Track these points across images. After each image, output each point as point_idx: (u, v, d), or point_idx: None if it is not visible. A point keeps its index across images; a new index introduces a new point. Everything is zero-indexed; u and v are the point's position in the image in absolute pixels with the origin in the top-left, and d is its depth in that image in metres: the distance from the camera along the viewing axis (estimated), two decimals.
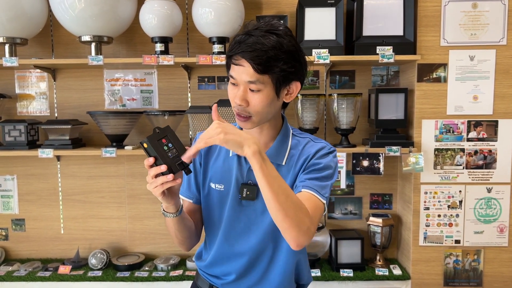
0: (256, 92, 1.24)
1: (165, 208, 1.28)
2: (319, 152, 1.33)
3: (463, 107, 2.32)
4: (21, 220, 2.70)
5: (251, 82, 1.22)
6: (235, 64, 1.23)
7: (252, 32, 1.22)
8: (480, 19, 2.28)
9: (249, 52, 1.19)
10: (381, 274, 2.39)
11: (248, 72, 1.21)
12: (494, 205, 2.36)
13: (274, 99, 1.26)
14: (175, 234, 1.37)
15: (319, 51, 2.25)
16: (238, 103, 1.24)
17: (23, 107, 2.65)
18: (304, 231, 1.15)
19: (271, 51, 1.19)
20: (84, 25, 2.28)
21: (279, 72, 1.22)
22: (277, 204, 1.12)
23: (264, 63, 1.19)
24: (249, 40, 1.20)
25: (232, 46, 1.25)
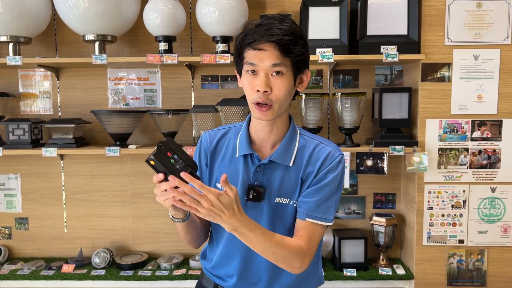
0: (279, 77, 1.24)
1: (174, 215, 1.29)
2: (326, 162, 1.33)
3: (467, 107, 2.31)
4: (24, 219, 2.70)
5: (275, 65, 1.23)
6: (257, 49, 1.23)
7: (264, 22, 1.25)
8: (485, 18, 2.27)
9: (271, 35, 1.21)
10: (385, 273, 2.39)
11: (272, 55, 1.22)
12: (498, 205, 2.36)
13: (292, 85, 1.29)
14: (184, 236, 1.39)
15: (323, 50, 2.25)
16: (262, 89, 1.24)
17: (26, 106, 2.66)
18: (295, 267, 1.28)
19: (290, 35, 1.22)
20: (88, 24, 2.28)
21: (299, 56, 1.25)
22: (266, 257, 1.26)
23: (287, 45, 1.22)
24: (265, 27, 1.22)
25: (245, 35, 1.25)
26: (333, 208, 1.34)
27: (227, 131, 1.44)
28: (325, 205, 1.32)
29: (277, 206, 1.35)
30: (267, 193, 1.34)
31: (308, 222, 1.31)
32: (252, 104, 1.28)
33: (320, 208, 1.31)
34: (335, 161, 1.33)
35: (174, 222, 1.31)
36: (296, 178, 1.35)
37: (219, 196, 1.11)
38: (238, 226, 1.16)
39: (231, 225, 1.16)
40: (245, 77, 1.28)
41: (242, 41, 1.26)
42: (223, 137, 1.43)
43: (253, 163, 1.36)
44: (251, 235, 1.19)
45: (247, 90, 1.29)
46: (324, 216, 1.31)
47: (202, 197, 1.10)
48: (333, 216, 1.35)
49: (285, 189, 1.35)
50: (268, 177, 1.35)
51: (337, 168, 1.34)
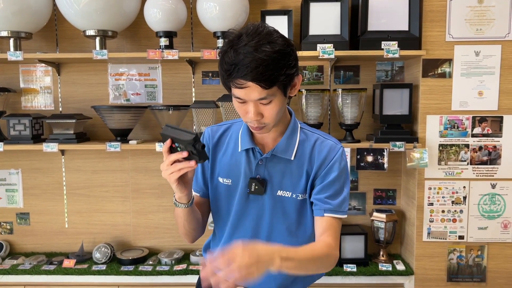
0: (268, 104, 1.22)
1: (178, 199, 1.29)
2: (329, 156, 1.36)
3: (468, 103, 2.31)
4: (25, 214, 2.71)
5: (261, 99, 1.20)
6: (239, 88, 1.18)
7: (241, 50, 1.15)
8: (486, 14, 2.26)
9: (251, 73, 1.14)
10: (385, 269, 2.39)
11: (255, 91, 1.18)
12: (498, 201, 2.36)
13: (284, 101, 1.27)
14: (183, 224, 1.38)
15: (324, 46, 2.25)
16: (253, 119, 1.23)
17: (27, 101, 2.66)
18: (331, 265, 1.31)
19: (272, 64, 1.15)
20: (88, 19, 2.28)
21: (285, 80, 1.20)
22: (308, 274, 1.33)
23: (270, 78, 1.16)
24: (246, 61, 1.14)
25: (228, 68, 1.17)
26: (346, 200, 1.38)
27: (229, 126, 1.46)
28: (339, 198, 1.35)
29: (279, 199, 1.37)
30: (269, 186, 1.36)
31: (327, 217, 1.34)
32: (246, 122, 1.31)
33: (336, 202, 1.34)
34: (337, 154, 1.36)
35: (177, 207, 1.31)
36: (298, 172, 1.36)
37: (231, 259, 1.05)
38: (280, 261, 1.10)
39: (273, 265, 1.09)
40: (234, 101, 1.26)
41: (226, 75, 1.19)
42: (225, 132, 1.45)
43: (255, 157, 1.37)
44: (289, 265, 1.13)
45: (238, 111, 1.28)
46: (340, 209, 1.35)
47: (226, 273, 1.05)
48: (347, 208, 1.38)
49: (287, 182, 1.37)
50: (270, 170, 1.36)
51: (341, 161, 1.36)
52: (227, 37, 1.22)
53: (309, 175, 1.37)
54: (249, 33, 1.18)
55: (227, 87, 1.26)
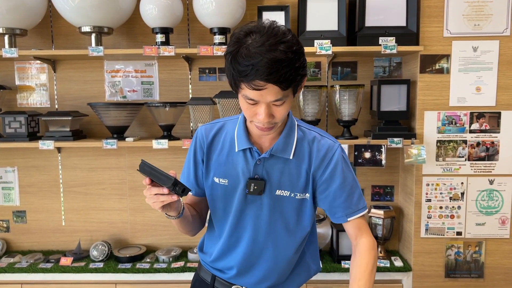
0: (280, 104, 1.20)
1: (167, 213, 1.30)
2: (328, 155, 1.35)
3: (466, 99, 2.30)
4: (22, 212, 2.70)
5: (277, 100, 1.18)
6: (256, 89, 1.14)
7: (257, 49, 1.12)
8: (484, 9, 2.26)
9: (271, 75, 1.11)
10: (383, 265, 2.39)
11: (273, 92, 1.15)
12: (496, 197, 2.36)
13: (292, 99, 1.26)
14: (179, 229, 1.42)
15: (321, 42, 2.23)
16: (265, 121, 1.20)
17: (23, 98, 2.64)
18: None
19: (290, 65, 1.13)
20: (84, 15, 2.26)
21: (300, 79, 1.20)
22: None
23: (289, 79, 1.14)
24: (264, 61, 1.10)
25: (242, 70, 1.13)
26: (361, 196, 1.39)
27: (223, 125, 1.43)
28: (354, 197, 1.36)
29: (278, 199, 1.36)
30: (268, 186, 1.35)
31: (357, 219, 1.36)
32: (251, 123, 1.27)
33: (353, 203, 1.36)
34: (336, 153, 1.35)
35: (168, 218, 1.34)
36: (297, 171, 1.35)
37: None
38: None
39: None
40: (243, 102, 1.22)
41: (238, 75, 1.15)
42: (220, 131, 1.42)
43: (253, 157, 1.35)
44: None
45: (245, 112, 1.24)
46: (359, 208, 1.37)
47: None
48: (365, 202, 1.40)
49: (285, 182, 1.35)
50: (268, 170, 1.35)
51: (342, 160, 1.36)
52: (235, 36, 1.19)
53: (308, 174, 1.36)
54: (263, 32, 1.15)
55: (236, 87, 1.20)
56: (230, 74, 1.19)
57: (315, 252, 1.53)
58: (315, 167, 1.34)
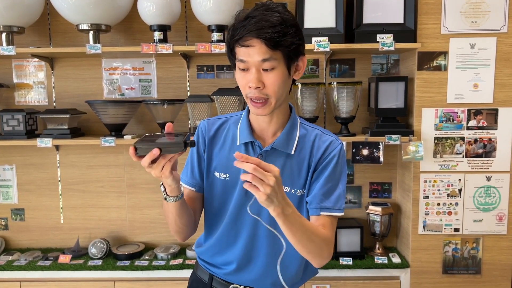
0: (270, 71, 1.22)
1: (170, 192, 1.25)
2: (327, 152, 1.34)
3: (463, 96, 2.31)
4: (20, 209, 2.70)
5: (265, 60, 1.20)
6: (245, 46, 1.20)
7: (251, 14, 1.21)
8: (481, 6, 2.26)
9: (258, 30, 1.18)
10: (380, 262, 2.40)
11: (260, 50, 1.19)
12: (493, 194, 2.37)
13: (287, 76, 1.27)
14: (175, 220, 1.34)
15: (319, 39, 2.24)
16: (254, 86, 1.22)
17: (21, 96, 2.64)
18: (325, 257, 1.30)
19: (278, 26, 1.19)
20: (81, 13, 2.25)
21: (289, 46, 1.22)
22: (300, 246, 1.23)
23: (275, 38, 1.18)
24: (253, 21, 1.19)
25: (234, 30, 1.23)
26: (342, 197, 1.36)
27: (226, 120, 1.44)
28: (334, 195, 1.34)
29: None
30: None
31: (323, 216, 1.33)
32: (247, 99, 1.28)
33: (331, 200, 1.33)
34: (335, 150, 1.35)
35: (169, 202, 1.27)
36: (298, 167, 1.35)
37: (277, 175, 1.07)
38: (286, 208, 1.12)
39: (281, 208, 1.11)
40: (238, 73, 1.27)
41: (231, 37, 1.24)
42: (222, 125, 1.43)
43: (255, 150, 1.36)
44: (294, 219, 1.16)
45: (240, 86, 1.28)
46: (336, 207, 1.34)
47: (266, 176, 1.05)
48: (344, 205, 1.37)
49: (286, 177, 1.35)
50: None
51: (339, 158, 1.35)
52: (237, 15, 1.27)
53: (308, 171, 1.36)
54: (261, 5, 1.24)
55: (232, 56, 1.26)
56: (227, 44, 1.27)
57: None
58: (315, 161, 1.35)
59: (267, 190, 1.05)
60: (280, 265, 1.35)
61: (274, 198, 1.08)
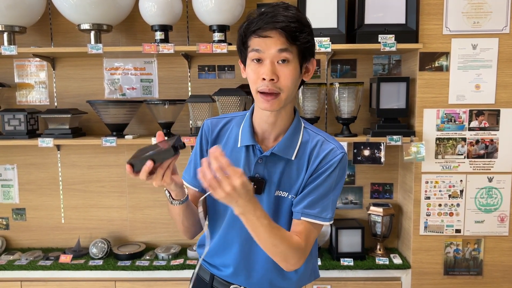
0: (285, 65, 1.21)
1: (175, 196, 1.26)
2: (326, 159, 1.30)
3: (465, 96, 2.30)
4: (21, 209, 2.70)
5: (282, 50, 1.20)
6: (262, 36, 1.20)
7: (268, 10, 1.21)
8: (483, 7, 2.25)
9: (277, 22, 1.18)
10: (382, 263, 2.39)
11: (278, 41, 1.19)
12: (495, 195, 2.36)
13: (298, 74, 1.26)
14: (182, 221, 1.34)
15: (321, 40, 2.23)
16: (268, 77, 1.20)
17: (22, 96, 2.64)
18: (291, 264, 1.26)
19: (296, 22, 1.20)
20: (83, 12, 2.26)
21: (305, 43, 1.22)
22: (264, 248, 1.23)
23: (293, 32, 1.19)
24: (270, 15, 1.19)
25: (250, 23, 1.22)
26: (330, 207, 1.31)
27: (229, 120, 1.42)
28: (321, 204, 1.29)
29: (277, 199, 1.34)
30: (267, 186, 1.33)
31: (304, 221, 1.29)
32: (256, 94, 1.24)
33: (316, 207, 1.28)
34: (335, 159, 1.30)
35: (175, 205, 1.27)
36: (297, 173, 1.33)
37: (243, 179, 1.07)
38: (249, 211, 1.13)
39: (243, 209, 1.12)
40: (250, 66, 1.25)
41: (246, 29, 1.23)
42: (226, 125, 1.41)
43: (255, 154, 1.33)
44: (258, 223, 1.16)
45: (251, 79, 1.25)
46: (320, 215, 1.29)
47: (226, 179, 1.05)
48: (331, 215, 1.32)
49: (285, 183, 1.33)
50: (269, 169, 1.32)
51: (336, 167, 1.30)
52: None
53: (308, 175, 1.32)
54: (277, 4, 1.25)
55: (245, 48, 1.25)
56: (240, 37, 1.27)
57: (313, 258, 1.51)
58: (312, 169, 1.31)
59: (221, 194, 1.06)
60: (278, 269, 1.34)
61: (232, 201, 1.09)
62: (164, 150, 1.12)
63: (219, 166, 1.05)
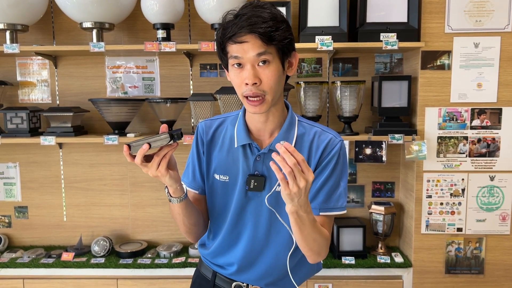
0: (266, 66, 1.21)
1: (173, 193, 1.27)
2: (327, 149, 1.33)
3: (467, 95, 2.30)
4: (24, 207, 2.71)
5: (260, 54, 1.19)
6: (238, 42, 1.19)
7: (241, 12, 1.20)
8: (485, 5, 2.25)
9: (251, 26, 1.17)
10: (383, 261, 2.40)
11: (255, 45, 1.18)
12: (496, 193, 2.36)
13: (281, 72, 1.26)
14: (183, 221, 1.35)
15: (322, 38, 2.23)
16: (251, 82, 1.20)
17: (24, 94, 2.64)
18: (322, 256, 1.32)
19: (270, 21, 1.19)
20: (85, 11, 2.26)
21: (283, 40, 1.21)
22: (304, 245, 1.26)
23: (269, 32, 1.18)
24: (244, 17, 1.18)
25: (224, 29, 1.21)
26: (343, 195, 1.36)
27: (223, 120, 1.43)
28: (335, 195, 1.33)
29: (277, 195, 1.34)
30: (268, 182, 1.34)
31: (326, 216, 1.33)
32: (243, 98, 1.25)
33: (332, 199, 1.33)
34: (336, 148, 1.33)
35: (174, 203, 1.28)
36: None
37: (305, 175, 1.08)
38: (302, 208, 1.14)
39: (300, 206, 1.13)
40: (232, 71, 1.25)
41: (222, 36, 1.22)
42: (220, 127, 1.42)
43: (252, 152, 1.34)
44: (307, 219, 1.18)
45: (235, 84, 1.25)
46: (337, 206, 1.34)
47: (302, 174, 1.07)
48: (345, 202, 1.37)
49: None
50: (268, 166, 1.33)
51: (339, 155, 1.34)
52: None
53: None
54: (249, 4, 1.23)
55: (224, 54, 1.25)
56: (218, 44, 1.26)
57: None
58: (315, 161, 1.33)
59: (294, 189, 1.07)
60: (289, 261, 1.35)
61: (296, 198, 1.10)
62: (160, 136, 1.14)
63: (297, 160, 1.06)
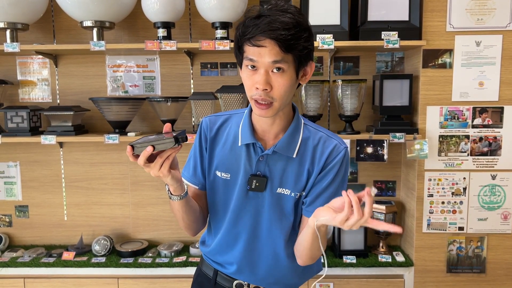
0: (279, 74, 1.18)
1: (174, 191, 1.26)
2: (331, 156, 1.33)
3: (469, 94, 2.30)
4: (24, 206, 2.70)
5: (276, 62, 1.16)
6: (256, 46, 1.16)
7: (265, 13, 1.16)
8: (487, 4, 2.24)
9: (272, 31, 1.13)
10: (384, 261, 2.39)
11: (272, 51, 1.15)
12: (498, 192, 2.35)
13: (294, 80, 1.23)
14: (182, 217, 1.35)
15: (323, 37, 2.23)
16: (262, 87, 1.18)
17: (25, 93, 2.64)
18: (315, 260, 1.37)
19: (292, 29, 1.15)
20: (85, 10, 2.25)
21: (302, 50, 1.18)
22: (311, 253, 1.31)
23: (289, 41, 1.15)
24: (266, 20, 1.14)
25: (245, 28, 1.18)
26: None
27: (228, 117, 1.42)
28: None
29: (278, 197, 1.34)
30: (269, 183, 1.33)
31: None
32: (251, 100, 1.24)
33: None
34: (340, 155, 1.32)
35: (174, 201, 1.28)
36: (299, 170, 1.33)
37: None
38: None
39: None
40: (245, 71, 1.23)
41: (242, 35, 1.19)
42: (224, 123, 1.41)
43: (256, 152, 1.33)
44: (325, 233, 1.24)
45: (246, 85, 1.24)
46: None
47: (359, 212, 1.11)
48: None
49: (287, 180, 1.33)
50: (270, 167, 1.33)
51: (342, 162, 1.33)
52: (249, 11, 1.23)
53: (310, 174, 1.33)
54: (275, 4, 1.20)
55: (240, 53, 1.23)
56: (236, 41, 1.24)
57: None
58: (319, 167, 1.32)
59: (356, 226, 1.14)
60: (290, 262, 1.35)
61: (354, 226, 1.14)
62: (165, 139, 1.12)
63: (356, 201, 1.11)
